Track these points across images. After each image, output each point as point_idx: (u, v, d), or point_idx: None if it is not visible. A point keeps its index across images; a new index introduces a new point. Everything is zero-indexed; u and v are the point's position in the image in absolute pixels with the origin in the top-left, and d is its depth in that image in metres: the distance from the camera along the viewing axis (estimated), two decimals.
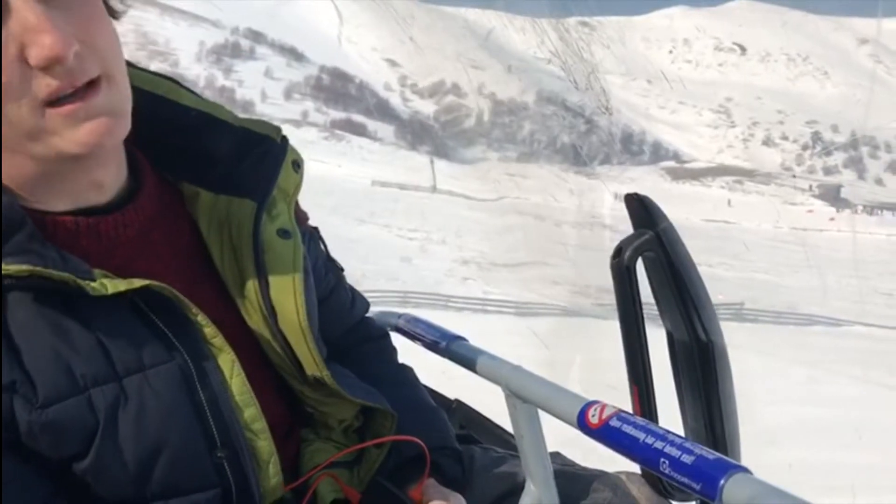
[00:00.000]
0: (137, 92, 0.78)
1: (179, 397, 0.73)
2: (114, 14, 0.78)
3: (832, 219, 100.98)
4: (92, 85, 0.70)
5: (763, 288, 39.72)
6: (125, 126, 0.74)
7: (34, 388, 0.68)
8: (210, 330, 0.77)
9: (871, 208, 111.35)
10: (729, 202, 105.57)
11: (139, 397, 0.71)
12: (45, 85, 0.66)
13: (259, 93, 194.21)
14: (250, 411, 0.78)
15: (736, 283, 37.80)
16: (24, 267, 0.67)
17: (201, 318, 0.76)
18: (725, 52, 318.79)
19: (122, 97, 0.74)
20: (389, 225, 52.75)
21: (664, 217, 1.08)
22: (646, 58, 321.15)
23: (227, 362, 0.77)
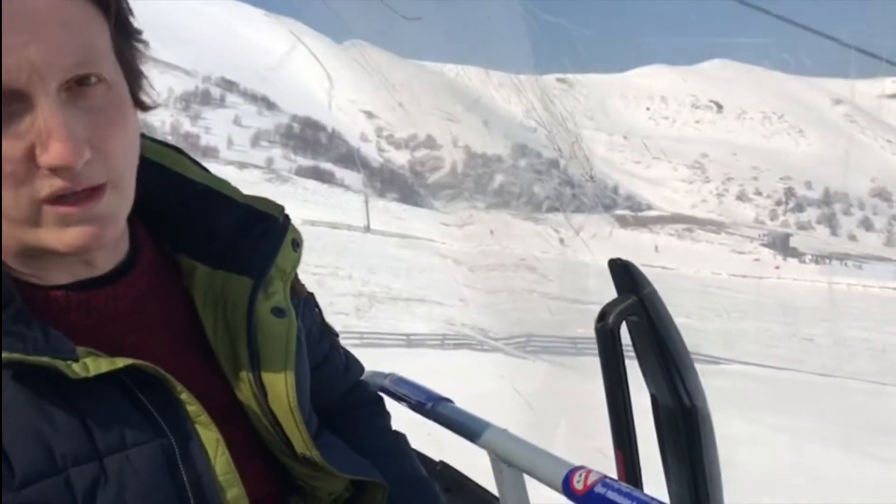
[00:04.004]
0: (142, 161, 0.77)
1: (161, 477, 0.71)
2: (143, 107, 0.78)
3: (777, 267, 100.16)
4: (95, 190, 0.69)
5: None
6: (116, 231, 0.74)
7: (11, 468, 0.66)
8: (194, 408, 0.75)
9: (819, 258, 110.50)
10: (656, 248, 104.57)
11: (119, 477, 0.69)
12: (49, 185, 0.66)
13: (225, 140, 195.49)
14: (233, 492, 0.76)
15: None
16: (2, 354, 0.66)
17: (185, 396, 0.74)
18: (702, 110, 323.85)
19: (122, 203, 0.73)
20: None
21: (648, 282, 1.09)
22: (623, 114, 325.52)
23: (212, 441, 0.75)
